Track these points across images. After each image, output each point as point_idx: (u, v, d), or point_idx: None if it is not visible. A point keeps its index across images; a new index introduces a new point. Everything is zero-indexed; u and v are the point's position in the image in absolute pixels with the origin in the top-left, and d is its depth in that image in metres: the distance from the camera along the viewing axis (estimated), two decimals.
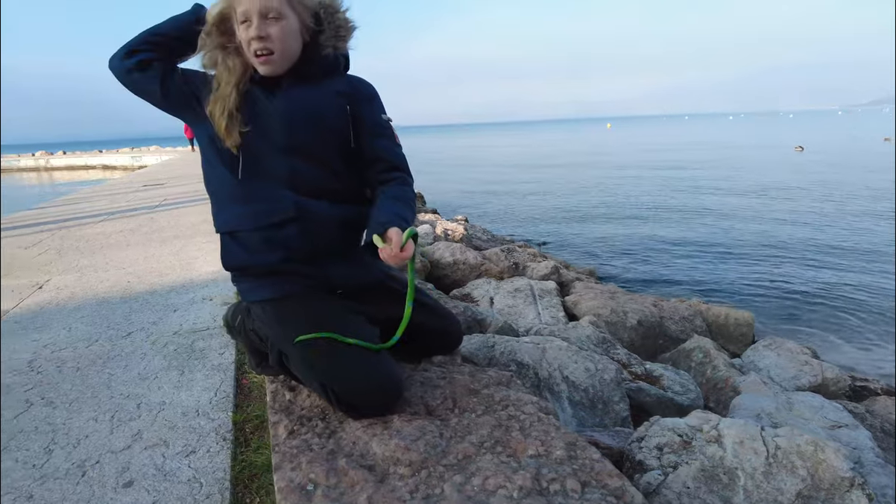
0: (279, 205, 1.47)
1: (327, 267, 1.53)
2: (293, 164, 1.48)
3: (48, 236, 5.37)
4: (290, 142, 1.47)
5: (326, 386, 1.38)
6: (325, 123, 1.51)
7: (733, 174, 18.03)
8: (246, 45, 1.42)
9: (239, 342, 1.91)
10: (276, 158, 1.47)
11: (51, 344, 2.44)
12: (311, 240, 1.49)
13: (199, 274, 3.54)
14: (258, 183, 1.48)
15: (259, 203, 1.48)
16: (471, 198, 15.30)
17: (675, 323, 3.83)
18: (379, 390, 1.39)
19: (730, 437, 1.45)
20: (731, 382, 2.74)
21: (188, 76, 1.54)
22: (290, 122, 1.47)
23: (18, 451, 1.61)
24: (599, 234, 9.75)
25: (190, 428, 1.71)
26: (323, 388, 1.39)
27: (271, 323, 1.53)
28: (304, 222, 1.48)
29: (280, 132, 1.47)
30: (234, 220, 1.52)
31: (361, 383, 1.37)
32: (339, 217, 1.53)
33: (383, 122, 1.60)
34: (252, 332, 1.65)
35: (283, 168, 1.48)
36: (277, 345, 1.52)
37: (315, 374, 1.41)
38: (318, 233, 1.50)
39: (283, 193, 1.47)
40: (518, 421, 1.37)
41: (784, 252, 7.95)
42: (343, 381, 1.37)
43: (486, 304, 4.00)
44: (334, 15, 1.49)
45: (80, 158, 31.12)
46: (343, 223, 1.54)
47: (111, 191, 10.06)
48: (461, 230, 6.70)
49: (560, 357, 2.08)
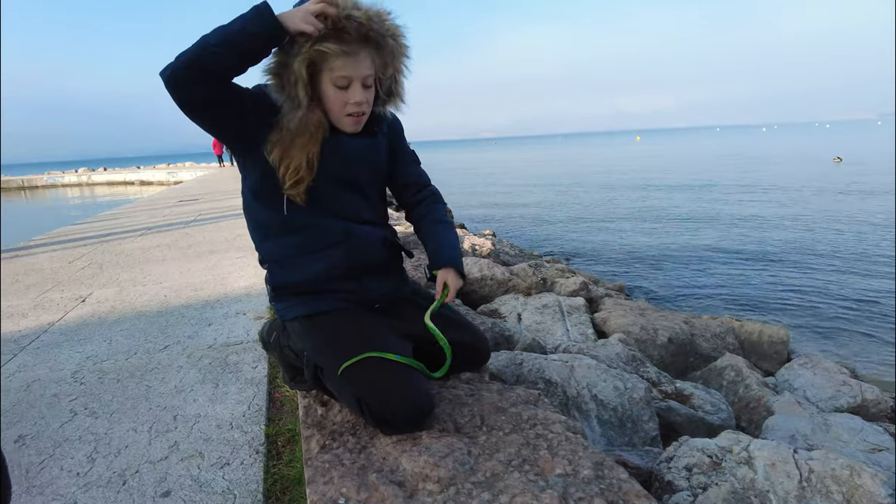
0: (329, 231, 1.54)
1: (367, 283, 1.60)
2: (344, 197, 1.57)
3: (90, 250, 5.58)
4: (346, 179, 1.56)
5: (361, 400, 1.42)
6: (378, 164, 1.65)
7: (770, 187, 17.63)
8: (339, 105, 1.45)
9: (273, 357, 1.96)
10: (327, 191, 1.53)
11: (93, 356, 2.54)
12: (357, 258, 1.57)
13: (233, 289, 3.63)
14: (308, 214, 1.53)
15: (309, 231, 1.54)
16: (498, 212, 15.31)
17: (707, 340, 3.76)
18: (412, 406, 1.42)
19: (761, 459, 1.43)
20: (763, 402, 2.69)
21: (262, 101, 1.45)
22: (350, 164, 1.56)
23: (64, 459, 1.69)
24: (629, 248, 9.65)
25: (224, 440, 1.76)
26: (357, 402, 1.43)
27: (308, 338, 1.57)
28: (351, 243, 1.56)
29: (338, 171, 1.53)
30: (282, 250, 1.57)
31: (395, 399, 1.40)
32: (381, 237, 1.64)
33: (410, 150, 1.78)
34: (287, 347, 1.69)
35: (334, 200, 1.55)
36: (313, 359, 1.56)
37: (350, 388, 1.45)
38: (363, 252, 1.58)
39: (333, 222, 1.55)
40: (546, 440, 1.37)
41: (823, 266, 7.74)
42: (377, 396, 1.40)
43: (514, 320, 3.99)
44: (398, 85, 1.56)
45: (120, 174, 32.20)
46: (383, 242, 1.64)
47: (149, 206, 10.38)
48: (489, 245, 6.71)
49: (589, 375, 2.08)
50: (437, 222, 1.77)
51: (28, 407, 2.05)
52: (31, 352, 2.64)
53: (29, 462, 1.68)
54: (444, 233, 1.75)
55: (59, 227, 7.70)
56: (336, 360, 1.45)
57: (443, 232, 1.75)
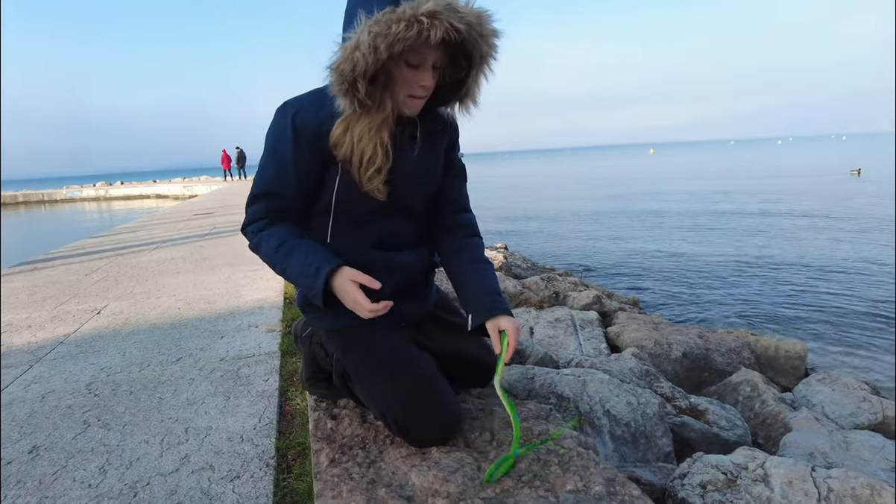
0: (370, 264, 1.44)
1: (403, 307, 1.53)
2: (392, 224, 1.49)
3: (106, 263, 5.65)
4: (397, 205, 1.46)
5: (387, 415, 1.43)
6: (433, 182, 1.53)
7: (787, 199, 17.43)
8: (405, 85, 1.31)
9: (300, 352, 1.92)
10: (376, 219, 1.47)
11: (107, 367, 2.56)
12: (396, 287, 1.51)
13: (246, 301, 3.66)
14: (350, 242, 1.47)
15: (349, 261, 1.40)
16: (510, 225, 15.30)
17: (722, 355, 3.71)
18: (439, 421, 1.43)
19: (778, 477, 1.40)
20: (780, 418, 2.64)
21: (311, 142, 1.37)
22: (407, 185, 1.44)
23: (77, 470, 1.69)
24: (643, 261, 9.57)
25: (235, 453, 1.76)
26: (383, 415, 1.44)
27: (339, 347, 1.57)
28: (392, 278, 1.49)
29: (395, 195, 1.43)
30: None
31: (422, 413, 1.41)
32: (420, 265, 1.58)
33: (461, 162, 1.62)
34: (319, 345, 1.68)
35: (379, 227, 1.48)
36: (346, 366, 1.55)
37: (377, 401, 1.46)
38: (404, 283, 1.54)
39: (374, 254, 1.48)
40: (557, 455, 1.36)
41: (841, 279, 7.62)
42: (405, 410, 1.41)
43: (526, 334, 3.97)
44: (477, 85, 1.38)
45: (136, 188, 32.70)
46: (422, 269, 1.59)
47: (164, 220, 10.51)
48: (500, 258, 6.70)
49: (601, 390, 2.05)
50: (476, 261, 1.56)
51: (43, 418, 2.07)
52: (47, 363, 2.67)
53: (42, 473, 1.69)
54: (486, 274, 1.54)
55: (77, 241, 7.82)
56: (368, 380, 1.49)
57: (486, 273, 1.54)
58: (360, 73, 1.20)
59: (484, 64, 1.32)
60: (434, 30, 1.15)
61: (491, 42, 1.28)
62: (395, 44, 1.16)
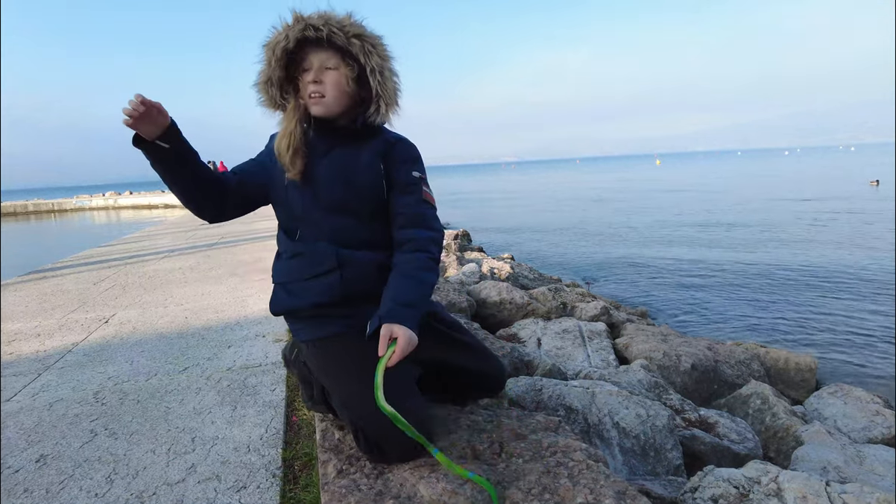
0: (322, 258, 1.58)
1: (363, 308, 1.57)
2: (334, 221, 1.60)
3: (115, 272, 5.69)
4: (331, 201, 1.59)
5: (358, 429, 1.43)
6: (361, 182, 1.61)
7: (800, 211, 17.22)
8: (304, 88, 1.56)
9: (294, 375, 1.96)
10: (318, 216, 1.60)
11: (115, 376, 2.56)
12: (350, 284, 1.58)
13: (253, 311, 3.66)
14: (309, 240, 1.61)
15: (306, 258, 1.60)
16: (517, 235, 15.29)
17: (731, 367, 3.68)
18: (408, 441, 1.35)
19: (791, 492, 1.38)
20: (792, 431, 2.60)
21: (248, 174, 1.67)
22: (331, 183, 1.59)
23: (83, 479, 1.69)
24: (651, 272, 9.52)
25: (241, 463, 1.75)
26: (354, 428, 1.46)
27: (315, 360, 1.63)
28: (345, 270, 1.58)
29: (324, 193, 1.59)
30: (287, 273, 1.65)
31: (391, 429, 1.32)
32: (376, 263, 1.61)
33: (413, 179, 1.64)
34: (304, 364, 1.74)
35: (327, 225, 1.60)
36: (321, 380, 1.62)
37: (348, 413, 1.48)
38: (357, 278, 1.59)
39: (327, 247, 1.59)
40: (566, 468, 1.34)
41: (853, 292, 7.54)
42: (374, 424, 1.37)
43: (534, 345, 3.95)
44: (385, 83, 1.55)
45: (145, 198, 32.96)
46: (379, 267, 1.61)
47: (172, 229, 10.57)
48: (507, 269, 6.69)
49: (610, 402, 2.03)
50: (400, 275, 1.53)
51: (50, 427, 2.07)
52: (55, 371, 2.68)
53: (49, 482, 1.68)
54: (400, 286, 1.50)
55: (86, 250, 7.87)
56: (338, 387, 1.51)
57: (400, 285, 1.51)
58: (267, 81, 1.56)
59: (370, 62, 1.50)
60: (293, 29, 1.47)
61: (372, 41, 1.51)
62: (275, 47, 1.49)
